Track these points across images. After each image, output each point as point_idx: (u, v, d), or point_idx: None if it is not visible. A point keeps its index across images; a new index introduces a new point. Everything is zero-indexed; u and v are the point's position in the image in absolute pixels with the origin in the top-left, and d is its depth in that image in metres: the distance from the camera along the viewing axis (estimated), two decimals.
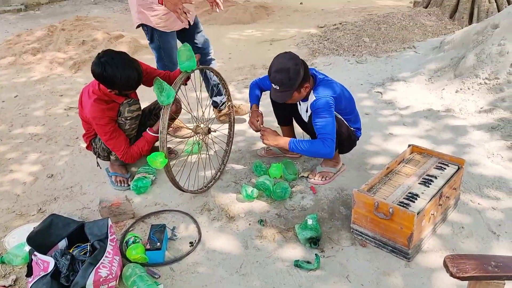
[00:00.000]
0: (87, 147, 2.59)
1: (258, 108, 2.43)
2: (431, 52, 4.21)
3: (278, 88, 2.09)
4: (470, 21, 5.18)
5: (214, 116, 3.09)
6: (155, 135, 2.37)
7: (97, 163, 2.60)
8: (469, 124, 2.92)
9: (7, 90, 4.05)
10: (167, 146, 2.08)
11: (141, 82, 2.32)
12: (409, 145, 2.29)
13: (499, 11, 5.04)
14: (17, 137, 3.15)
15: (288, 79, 2.03)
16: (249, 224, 2.11)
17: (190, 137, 2.62)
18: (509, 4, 5.04)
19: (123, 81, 2.16)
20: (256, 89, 2.47)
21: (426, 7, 5.74)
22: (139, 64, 2.26)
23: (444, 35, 4.78)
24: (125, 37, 5.24)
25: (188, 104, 2.49)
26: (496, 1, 5.19)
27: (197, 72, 2.37)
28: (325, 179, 2.40)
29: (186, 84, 2.34)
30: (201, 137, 2.48)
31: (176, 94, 2.12)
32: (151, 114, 2.61)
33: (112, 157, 2.50)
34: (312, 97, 2.15)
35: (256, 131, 2.35)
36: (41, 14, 7.59)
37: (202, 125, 2.42)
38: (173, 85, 2.12)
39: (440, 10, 5.43)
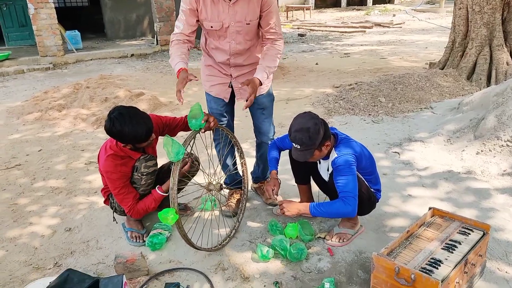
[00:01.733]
0: (104, 202, 2.61)
1: (277, 175, 2.43)
2: (449, 113, 4.22)
3: (299, 147, 2.10)
4: (488, 83, 5.23)
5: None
6: (164, 194, 2.38)
7: (114, 217, 2.59)
8: (492, 187, 2.83)
9: (32, 144, 4.18)
10: (183, 202, 2.07)
11: (153, 136, 2.35)
12: (429, 208, 2.22)
13: None
14: (38, 190, 3.20)
15: (309, 138, 2.05)
16: (264, 285, 2.03)
17: (201, 194, 2.61)
18: None
19: (131, 135, 2.21)
20: (275, 150, 2.49)
21: (442, 69, 5.84)
22: (149, 117, 2.31)
23: (462, 96, 4.81)
24: (146, 95, 5.43)
25: (198, 161, 2.51)
26: None
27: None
28: (343, 241, 2.32)
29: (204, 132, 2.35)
30: (213, 194, 2.47)
31: (188, 153, 2.14)
32: (169, 171, 2.62)
33: None
34: (333, 155, 2.16)
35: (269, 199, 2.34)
36: (68, 72, 8.00)
37: (214, 182, 2.42)
38: (183, 143, 2.16)
39: (457, 71, 5.51)
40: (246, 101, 2.29)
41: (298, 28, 14.51)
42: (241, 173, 2.74)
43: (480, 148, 3.25)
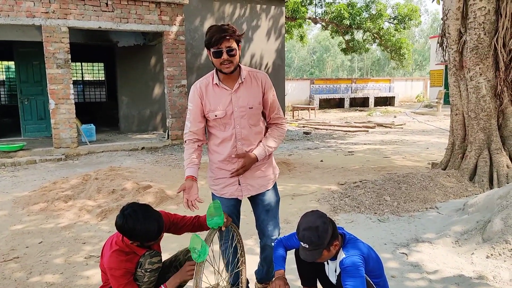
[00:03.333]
0: None
1: (284, 274, 2.37)
2: (455, 213, 4.20)
3: (307, 246, 2.08)
4: (491, 185, 5.27)
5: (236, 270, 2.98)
6: None
7: None
8: None
9: (33, 236, 4.14)
10: None
11: (162, 234, 2.36)
12: None
13: None
14: (33, 286, 3.09)
15: (318, 237, 2.04)
16: None
17: None
18: None
19: (142, 233, 2.22)
20: (281, 248, 2.45)
21: (444, 169, 5.93)
22: (161, 215, 2.33)
23: (466, 197, 4.82)
24: (153, 188, 5.50)
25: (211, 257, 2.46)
26: None
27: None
28: None
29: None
30: None
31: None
32: (171, 266, 2.58)
33: None
34: (341, 255, 2.12)
35: None
36: (79, 164, 8.21)
37: (224, 283, 2.35)
38: (205, 241, 2.14)
39: (459, 172, 5.60)
40: (236, 171, 2.43)
41: (303, 127, 15.11)
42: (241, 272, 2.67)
43: (489, 251, 3.17)
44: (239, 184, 2.52)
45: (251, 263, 3.25)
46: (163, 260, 2.60)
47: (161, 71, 11.60)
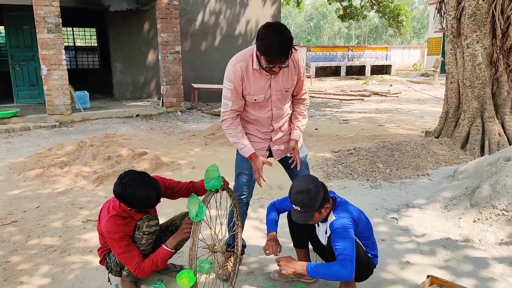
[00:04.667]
0: (100, 261, 2.58)
1: (276, 236, 2.44)
2: (445, 180, 4.28)
3: (299, 209, 2.14)
4: (482, 152, 5.35)
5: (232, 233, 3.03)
6: (171, 250, 2.38)
7: (108, 278, 2.55)
8: (490, 257, 2.82)
9: (30, 201, 4.19)
10: (179, 264, 2.06)
11: (160, 200, 2.40)
12: (428, 276, 2.20)
13: (510, 144, 5.23)
14: (32, 248, 3.16)
15: (309, 200, 2.10)
16: None
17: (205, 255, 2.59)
18: None
19: (142, 201, 2.26)
20: (274, 211, 2.52)
21: (437, 137, 5.99)
22: (158, 183, 2.36)
23: (457, 165, 4.90)
24: (148, 154, 5.53)
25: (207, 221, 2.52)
26: (506, 135, 5.42)
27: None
28: None
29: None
30: (216, 256, 2.45)
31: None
32: (167, 230, 2.64)
33: (124, 273, 2.47)
34: (331, 218, 2.19)
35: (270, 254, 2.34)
36: (73, 131, 8.19)
37: (220, 243, 2.42)
38: (203, 202, 2.20)
39: (451, 140, 5.66)
40: (292, 162, 2.63)
41: None
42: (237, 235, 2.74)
43: (476, 216, 3.27)
44: (268, 150, 2.66)
45: (246, 227, 3.32)
46: (160, 223, 2.66)
47: (155, 37, 11.38)
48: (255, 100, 2.46)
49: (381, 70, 24.48)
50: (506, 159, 3.65)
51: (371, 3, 18.99)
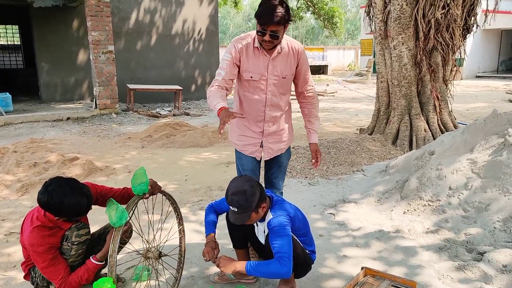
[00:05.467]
0: (25, 277, 2.38)
1: (214, 238, 2.40)
2: (378, 175, 4.49)
3: (236, 210, 2.12)
4: (410, 147, 5.70)
5: (165, 240, 2.97)
6: (98, 263, 2.24)
7: None
8: (418, 245, 2.99)
9: None
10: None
11: (91, 207, 2.26)
12: (362, 268, 2.28)
13: (434, 139, 5.63)
14: None
15: (245, 200, 2.09)
16: None
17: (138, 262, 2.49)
18: (442, 133, 5.65)
19: (71, 209, 2.11)
20: (212, 213, 2.48)
21: (370, 134, 6.29)
22: (89, 189, 2.22)
23: (388, 160, 5.17)
24: (80, 159, 5.22)
25: (140, 226, 2.42)
26: (431, 130, 5.83)
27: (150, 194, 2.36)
28: None
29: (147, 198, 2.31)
30: (151, 262, 2.36)
31: (130, 217, 2.09)
32: (100, 239, 2.49)
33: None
34: (269, 216, 2.20)
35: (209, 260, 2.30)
36: None
37: (153, 249, 2.33)
38: (126, 206, 2.10)
39: (383, 136, 5.97)
40: (314, 162, 2.72)
41: None
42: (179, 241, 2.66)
43: (406, 208, 3.47)
44: (261, 147, 2.66)
45: (185, 230, 3.25)
46: (91, 232, 2.51)
47: (85, 36, 10.79)
48: (251, 77, 2.48)
49: (318, 70, 25.28)
50: (430, 153, 3.91)
51: (307, 5, 19.54)
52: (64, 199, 2.07)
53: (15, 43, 15.29)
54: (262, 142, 2.66)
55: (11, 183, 4.51)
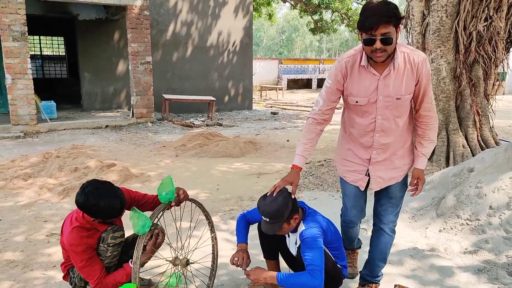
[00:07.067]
0: (64, 277, 2.48)
1: (247, 248, 2.41)
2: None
3: (268, 220, 2.14)
4: (447, 164, 5.53)
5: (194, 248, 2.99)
6: None
7: None
8: (455, 265, 2.89)
9: None
10: (147, 278, 2.01)
11: (125, 210, 2.34)
12: (395, 286, 2.23)
13: (473, 155, 5.44)
14: None
15: (277, 211, 2.10)
16: None
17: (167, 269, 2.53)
18: (482, 150, 5.46)
19: (105, 210, 2.19)
20: (244, 223, 2.50)
21: None
22: (122, 192, 2.30)
23: (424, 175, 5.03)
24: (117, 166, 5.40)
25: (167, 234, 2.47)
26: (469, 146, 5.63)
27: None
28: None
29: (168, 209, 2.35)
30: (179, 269, 2.40)
31: (154, 224, 2.14)
32: (134, 243, 2.56)
33: None
34: (301, 227, 2.20)
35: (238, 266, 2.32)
36: (38, 141, 7.91)
37: (180, 257, 2.38)
38: (151, 215, 2.16)
39: None
40: (412, 189, 2.32)
41: (271, 107, 15.17)
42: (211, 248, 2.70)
43: (442, 226, 3.36)
44: (367, 175, 2.28)
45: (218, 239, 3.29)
46: (126, 236, 2.59)
47: (125, 47, 11.22)
48: (357, 102, 2.12)
49: None
50: (470, 170, 3.79)
51: (341, 17, 19.49)
52: (100, 201, 2.16)
53: (60, 53, 16.07)
54: (368, 170, 2.28)
55: (54, 187, 4.72)
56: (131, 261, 2.32)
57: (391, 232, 2.44)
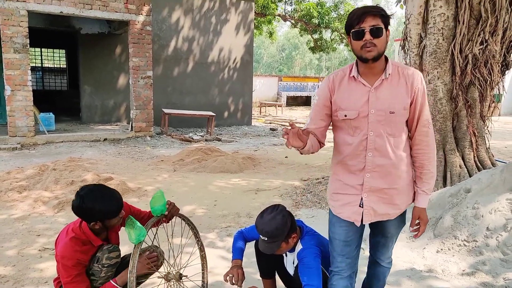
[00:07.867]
0: None
1: (241, 264, 2.38)
2: (409, 210, 4.36)
3: (266, 239, 2.12)
4: (444, 184, 5.52)
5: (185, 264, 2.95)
6: (118, 287, 2.26)
7: None
8: (452, 287, 2.86)
9: None
10: None
11: (123, 211, 2.29)
12: None
13: (470, 176, 5.43)
14: None
15: (276, 229, 2.08)
16: None
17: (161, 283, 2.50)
18: (478, 170, 5.46)
19: (103, 210, 2.17)
20: (240, 240, 2.48)
21: None
22: (117, 191, 2.30)
23: None
24: (114, 180, 5.38)
25: (161, 248, 2.45)
26: (466, 167, 5.64)
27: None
28: None
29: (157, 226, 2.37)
30: (172, 284, 2.38)
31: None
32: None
33: None
34: (299, 247, 2.18)
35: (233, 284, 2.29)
36: (35, 153, 7.89)
37: (174, 271, 2.36)
38: (145, 226, 2.18)
39: None
40: (413, 230, 2.23)
41: (270, 123, 15.21)
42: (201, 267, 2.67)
43: (439, 246, 3.34)
44: (361, 206, 2.02)
45: (212, 256, 3.26)
46: (122, 256, 2.55)
47: (126, 61, 11.32)
48: (346, 116, 1.94)
49: None
50: (467, 190, 3.78)
51: (341, 37, 19.74)
52: (96, 201, 2.15)
53: (61, 66, 16.18)
54: (362, 199, 2.01)
55: (49, 200, 4.68)
56: (113, 280, 2.28)
57: (388, 264, 2.38)
